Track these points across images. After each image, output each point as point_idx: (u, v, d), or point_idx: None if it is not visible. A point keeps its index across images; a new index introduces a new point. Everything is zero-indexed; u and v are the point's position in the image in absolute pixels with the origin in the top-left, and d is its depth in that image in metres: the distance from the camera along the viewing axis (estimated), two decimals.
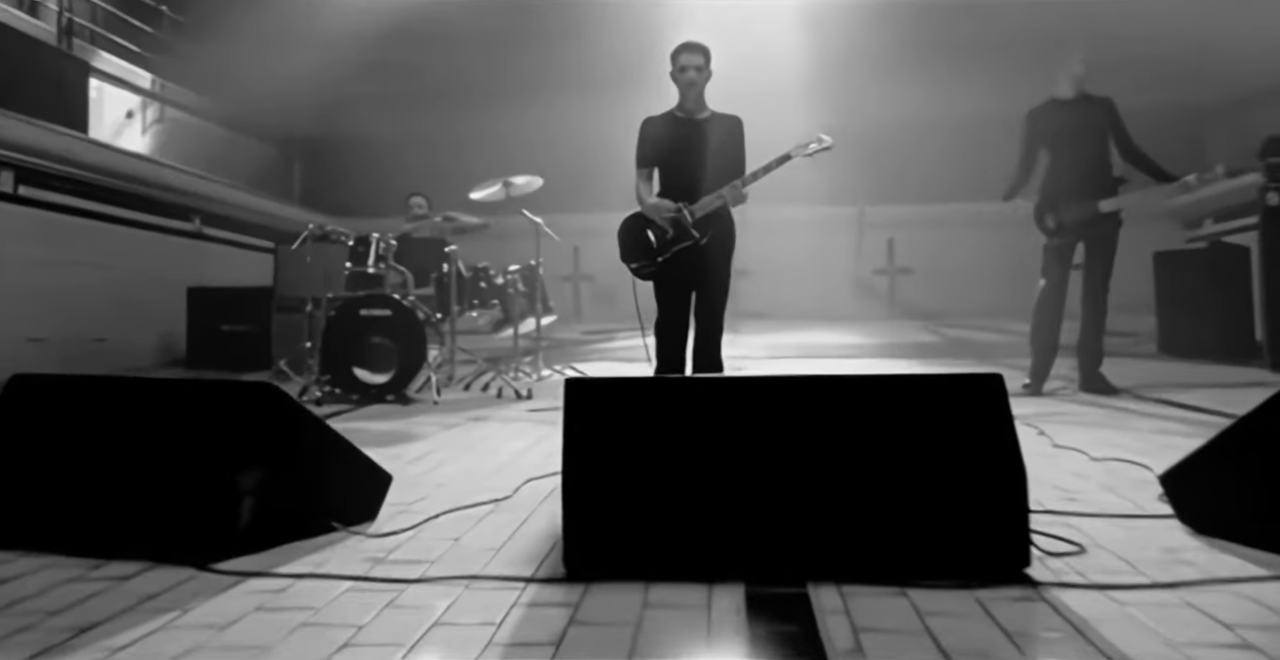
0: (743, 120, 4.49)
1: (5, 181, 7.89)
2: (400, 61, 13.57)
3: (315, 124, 14.72)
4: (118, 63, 11.18)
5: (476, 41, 13.82)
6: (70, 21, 10.45)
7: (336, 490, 2.52)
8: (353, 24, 12.69)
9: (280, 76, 11.74)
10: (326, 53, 12.15)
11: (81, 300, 8.28)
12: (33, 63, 9.15)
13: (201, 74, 12.29)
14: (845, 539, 1.99)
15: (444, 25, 13.77)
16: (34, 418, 2.57)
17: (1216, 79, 13.10)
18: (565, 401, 2.15)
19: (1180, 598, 1.81)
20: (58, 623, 1.79)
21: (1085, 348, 5.72)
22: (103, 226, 9.20)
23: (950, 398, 2.10)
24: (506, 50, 13.71)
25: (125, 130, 11.36)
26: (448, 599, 1.91)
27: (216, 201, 11.37)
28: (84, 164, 8.94)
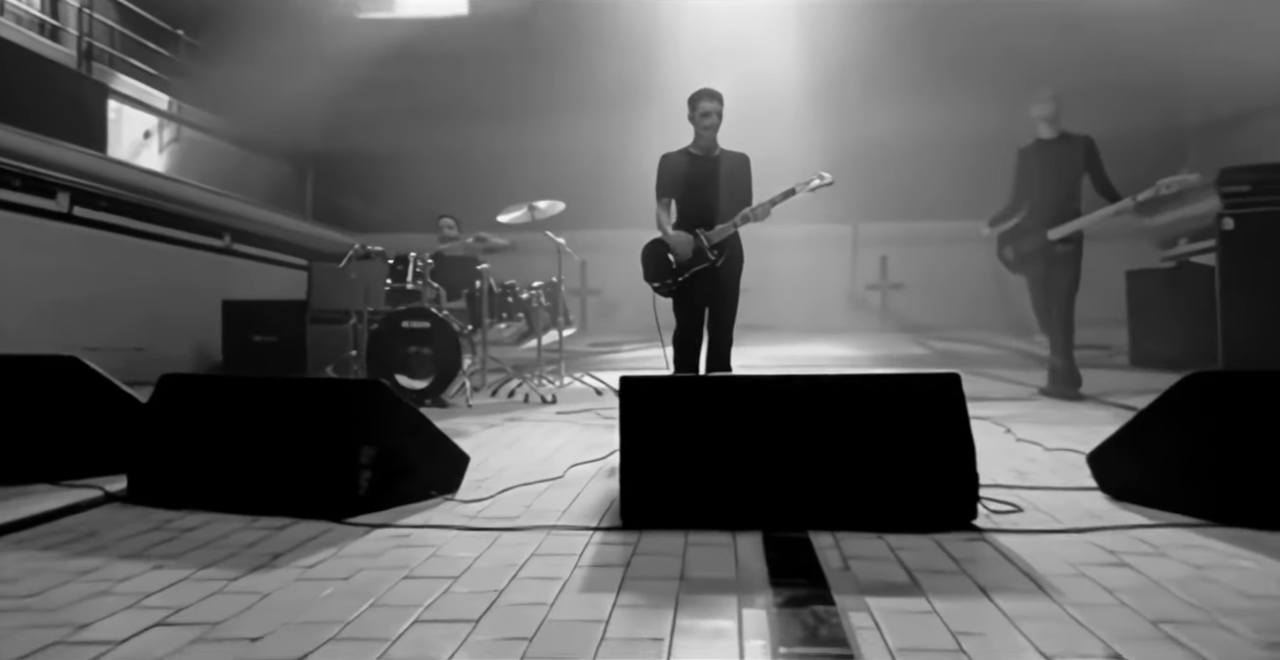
0: (749, 157, 5.11)
1: (62, 202, 8.49)
2: (405, 80, 13.93)
3: (325, 141, 15.09)
4: (136, 85, 11.54)
5: (479, 60, 14.24)
6: (90, 46, 10.86)
7: (430, 466, 3.13)
8: (359, 45, 13.21)
9: (291, 96, 12.21)
10: (335, 72, 12.59)
11: (122, 312, 8.80)
12: (54, 85, 9.60)
13: (216, 95, 12.65)
14: (837, 498, 2.60)
15: (447, 45, 14.19)
16: (183, 408, 3.19)
17: (1199, 101, 13.57)
18: (621, 395, 2.77)
19: (1085, 539, 2.43)
20: (253, 553, 2.40)
21: (1052, 359, 6.40)
22: (143, 243, 9.75)
23: (918, 392, 2.71)
24: (509, 69, 14.10)
25: (143, 150, 11.71)
26: (536, 540, 2.52)
27: (245, 219, 11.90)
28: (130, 186, 9.53)
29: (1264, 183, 6.74)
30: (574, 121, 13.67)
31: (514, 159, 14.27)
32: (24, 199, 8.05)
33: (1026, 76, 12.51)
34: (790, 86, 13.20)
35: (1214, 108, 13.55)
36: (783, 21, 13.70)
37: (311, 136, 14.83)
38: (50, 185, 8.36)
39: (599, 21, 13.30)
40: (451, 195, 12.91)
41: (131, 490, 3.12)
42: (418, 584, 2.12)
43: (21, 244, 7.93)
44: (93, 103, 10.51)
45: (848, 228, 13.77)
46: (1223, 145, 13.95)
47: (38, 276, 7.99)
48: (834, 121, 13.31)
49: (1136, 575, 2.09)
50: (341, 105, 13.59)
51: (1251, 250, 6.73)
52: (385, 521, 2.74)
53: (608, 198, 11.90)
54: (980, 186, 9.47)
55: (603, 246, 11.52)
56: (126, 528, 2.71)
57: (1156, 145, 14.14)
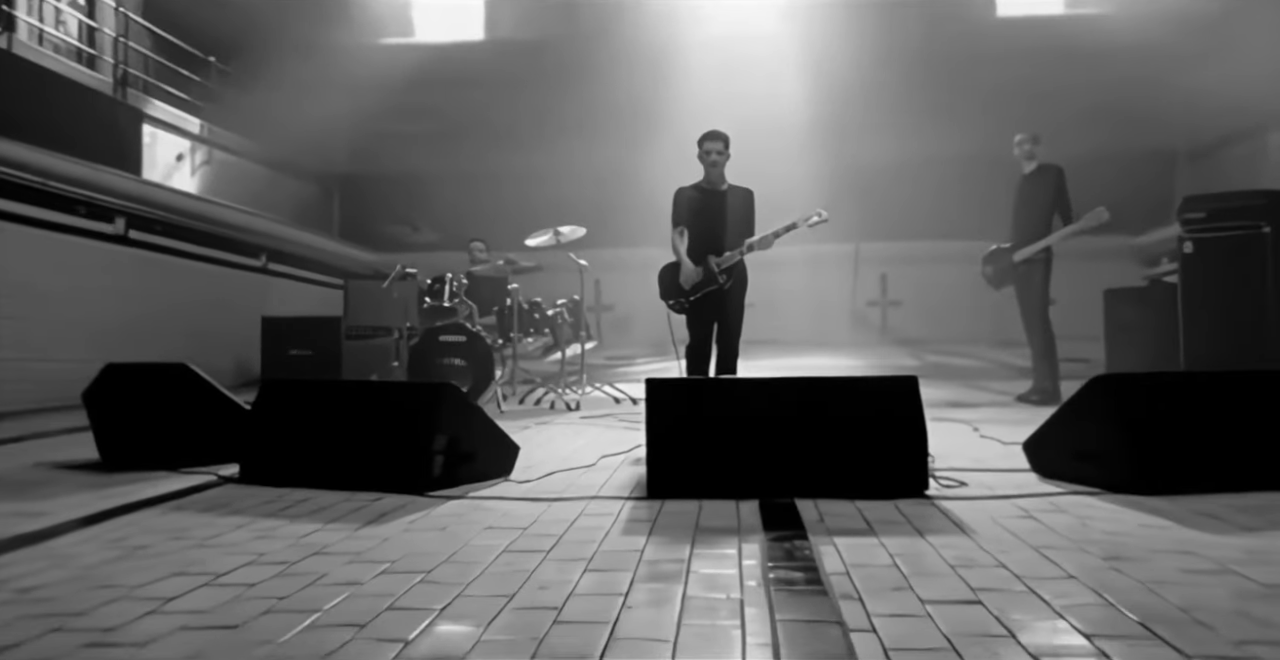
0: (753, 192, 5.81)
1: (120, 226, 9.24)
2: (425, 103, 14.51)
3: (351, 162, 15.75)
4: (169, 110, 12.01)
5: (495, 84, 14.76)
6: (125, 73, 11.37)
7: (487, 453, 3.83)
8: (382, 70, 13.63)
9: (318, 119, 12.73)
10: (358, 96, 13.11)
11: (170, 328, 9.46)
12: (91, 111, 10.16)
13: (246, 118, 13.14)
14: (818, 473, 3.29)
15: (464, 69, 14.75)
16: (284, 407, 3.90)
17: (1185, 125, 14.18)
18: (646, 393, 3.47)
19: (1008, 503, 3.11)
20: (361, 514, 3.10)
21: (1034, 369, 7.12)
22: (188, 263, 10.47)
23: (883, 391, 3.41)
24: (523, 93, 14.65)
25: (176, 172, 12.15)
26: (581, 506, 3.21)
27: (280, 240, 12.61)
28: (179, 210, 10.29)
29: (1219, 210, 7.44)
30: (586, 144, 14.24)
31: (527, 180, 14.85)
32: (87, 224, 8.79)
33: (1020, 102, 13.29)
34: (795, 111, 13.74)
35: (1201, 131, 14.15)
36: (788, 47, 14.29)
37: (337, 157, 15.48)
38: (109, 211, 9.10)
39: (609, 48, 13.79)
40: (470, 214, 13.63)
41: (244, 473, 3.83)
42: (497, 532, 2.81)
43: (85, 266, 8.65)
44: (128, 127, 11.05)
45: (849, 247, 14.41)
46: (1210, 167, 14.63)
47: (98, 295, 8.70)
48: (837, 145, 13.93)
49: (1036, 523, 2.78)
50: (365, 127, 14.26)
51: (1209, 272, 7.43)
52: (458, 494, 3.44)
53: (619, 218, 12.47)
54: (975, 208, 10.14)
55: (616, 264, 12.20)
56: (252, 499, 3.41)
57: (1148, 167, 14.83)
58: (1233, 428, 3.27)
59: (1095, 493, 3.23)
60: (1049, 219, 7.03)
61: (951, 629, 1.82)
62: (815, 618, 1.91)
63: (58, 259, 8.29)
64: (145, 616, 1.98)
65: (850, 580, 2.20)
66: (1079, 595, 2.04)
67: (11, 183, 7.84)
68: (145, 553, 2.58)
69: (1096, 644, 1.72)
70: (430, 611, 1.99)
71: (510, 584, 2.22)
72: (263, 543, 2.69)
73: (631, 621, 1.91)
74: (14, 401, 7.38)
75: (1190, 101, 12.77)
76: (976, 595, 2.06)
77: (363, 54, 14.25)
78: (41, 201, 8.19)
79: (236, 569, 2.38)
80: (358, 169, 16.07)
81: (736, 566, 2.35)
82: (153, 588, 2.21)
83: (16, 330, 7.67)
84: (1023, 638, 1.76)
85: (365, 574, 2.32)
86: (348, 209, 16.72)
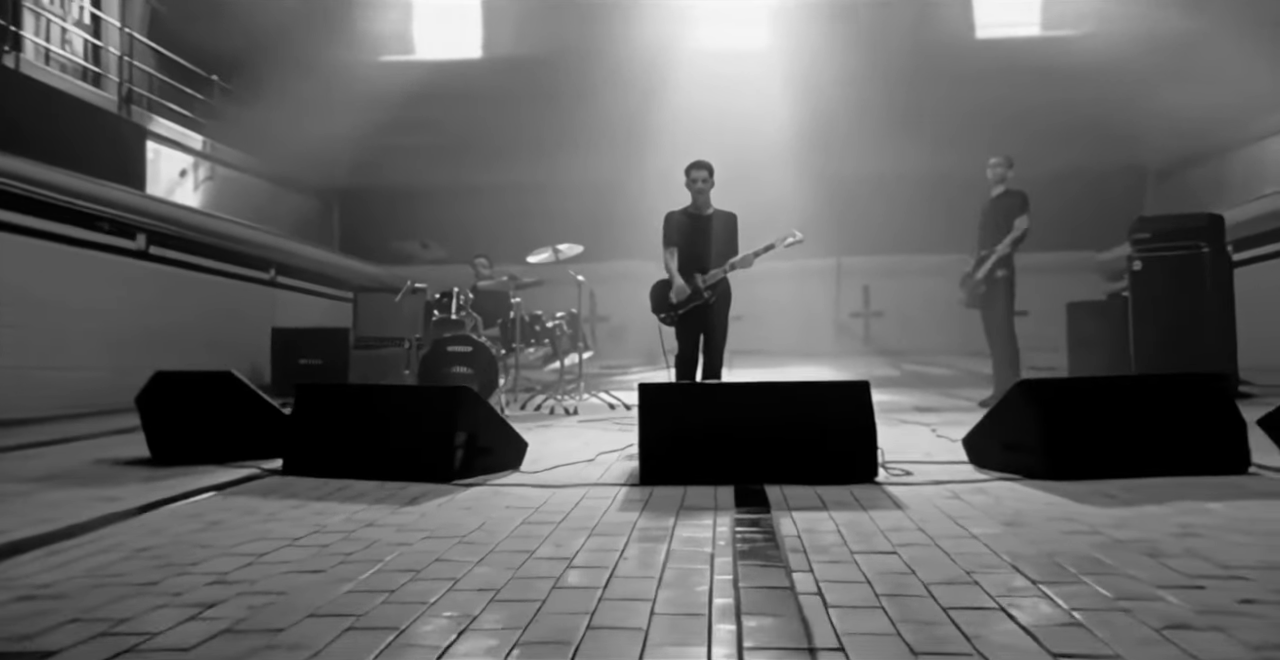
0: (736, 215, 6.40)
1: (141, 242, 9.80)
2: (424, 119, 15.09)
3: (350, 176, 16.22)
4: (172, 127, 12.45)
5: (492, 101, 15.29)
6: (130, 91, 11.79)
7: (501, 448, 4.40)
8: (381, 87, 14.21)
9: (318, 135, 13.26)
10: (358, 113, 13.67)
11: (185, 338, 9.97)
12: (96, 128, 10.56)
13: (247, 135, 13.58)
14: (785, 463, 3.87)
15: (462, 86, 15.27)
16: (320, 407, 4.47)
17: (1155, 145, 14.81)
18: (639, 395, 4.05)
19: (943, 487, 3.70)
20: (396, 498, 3.67)
21: (994, 376, 7.70)
22: (202, 277, 11.02)
23: (841, 393, 3.99)
24: (520, 109, 15.13)
25: (179, 187, 12.55)
26: (584, 491, 3.79)
27: (287, 254, 13.15)
28: (194, 227, 10.85)
29: (1165, 232, 8.08)
30: (581, 160, 14.84)
31: (525, 194, 15.41)
32: (111, 241, 9.34)
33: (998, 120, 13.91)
34: (781, 127, 14.29)
35: (1170, 150, 14.78)
36: (775, 67, 14.87)
37: (337, 172, 15.93)
38: (131, 228, 9.66)
39: (602, 66, 14.34)
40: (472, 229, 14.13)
41: (287, 466, 4.39)
42: (515, 510, 3.38)
43: (109, 280, 9.21)
44: (132, 143, 11.41)
45: (833, 261, 15.03)
46: (1178, 185, 15.27)
47: (121, 307, 9.25)
48: (821, 161, 14.52)
49: (961, 502, 3.37)
50: (365, 142, 14.69)
51: (1156, 288, 8.06)
52: (478, 482, 4.01)
53: (614, 232, 13.02)
54: (954, 223, 10.70)
55: (610, 277, 12.75)
56: (298, 487, 3.98)
57: (1119, 183, 15.48)
58: (1133, 423, 3.87)
59: (1017, 479, 3.82)
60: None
61: (870, 569, 2.40)
62: (768, 563, 2.49)
63: (82, 273, 8.83)
64: (247, 566, 2.55)
65: (800, 540, 2.77)
66: (971, 547, 2.63)
67: (37, 201, 8.35)
68: (224, 525, 3.15)
69: (973, 576, 2.30)
70: (469, 563, 2.56)
71: (530, 543, 2.80)
72: (320, 518, 3.26)
73: (627, 566, 2.49)
74: (46, 407, 7.92)
75: (1160, 122, 13.42)
76: (894, 549, 2.64)
77: (363, 71, 14.68)
78: (69, 219, 8.73)
79: (307, 535, 2.95)
80: (357, 183, 16.55)
81: (711, 531, 2.92)
82: (244, 547, 2.78)
83: (42, 341, 8.20)
84: (920, 574, 2.34)
85: (412, 538, 2.90)
86: (348, 222, 17.19)
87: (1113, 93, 13.53)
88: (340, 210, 17.21)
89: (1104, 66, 13.36)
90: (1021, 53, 15.09)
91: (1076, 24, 14.87)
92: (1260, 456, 3.95)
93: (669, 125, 13.77)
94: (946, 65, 14.72)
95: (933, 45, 15.01)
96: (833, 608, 2.06)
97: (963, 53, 15.33)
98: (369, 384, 4.68)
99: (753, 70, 14.93)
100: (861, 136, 14.24)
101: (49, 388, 8.09)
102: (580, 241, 8.49)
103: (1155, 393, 4.00)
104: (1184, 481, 3.66)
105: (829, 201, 14.20)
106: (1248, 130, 12.90)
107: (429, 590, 2.27)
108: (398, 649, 1.81)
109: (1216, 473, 3.80)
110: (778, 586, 2.25)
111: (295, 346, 10.69)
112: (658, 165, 11.40)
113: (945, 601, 2.10)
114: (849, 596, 2.16)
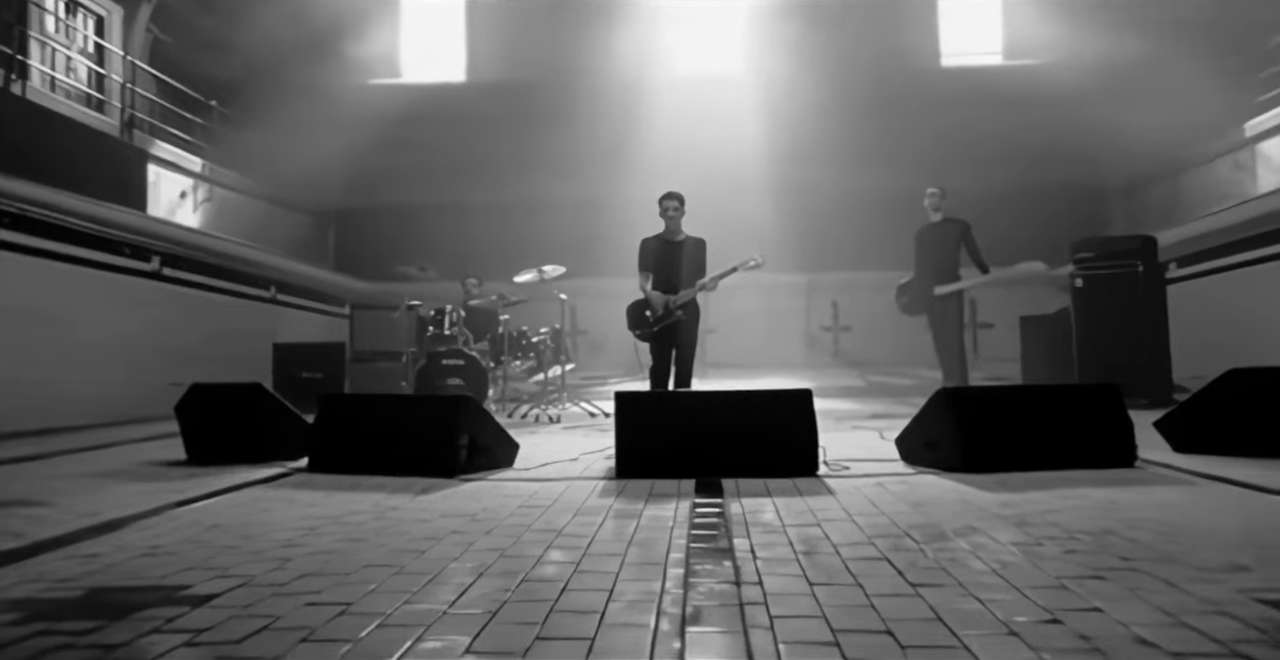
0: (705, 241, 7.11)
1: (155, 264, 10.41)
2: (412, 140, 15.56)
3: (344, 196, 16.76)
4: (172, 150, 12.86)
5: (478, 123, 15.90)
6: (132, 116, 12.31)
7: (497, 448, 5.06)
8: (371, 109, 14.76)
9: (312, 156, 13.72)
10: (350, 135, 14.14)
11: (194, 353, 10.51)
12: (99, 152, 11.09)
13: (245, 157, 14.06)
14: (739, 459, 4.55)
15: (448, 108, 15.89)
16: (341, 413, 5.13)
17: (1115, 166, 15.57)
18: (615, 403, 4.73)
19: (874, 479, 4.38)
20: (411, 489, 4.33)
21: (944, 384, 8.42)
22: (206, 295, 11.61)
23: (788, 399, 4.68)
24: (503, 131, 15.72)
25: (179, 208, 12.97)
26: (567, 484, 4.46)
27: (286, 272, 13.75)
28: (200, 248, 11.47)
29: (1105, 252, 8.82)
30: (562, 180, 15.42)
31: (508, 213, 15.92)
32: (129, 263, 9.96)
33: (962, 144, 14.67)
34: (753, 150, 14.96)
35: (1128, 171, 15.56)
36: (747, 90, 15.58)
37: (331, 192, 16.49)
38: (147, 251, 10.28)
39: (582, 90, 15.03)
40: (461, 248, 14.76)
41: (311, 464, 5.05)
42: (512, 498, 4.05)
43: (128, 300, 9.81)
44: (134, 167, 11.92)
45: (803, 277, 15.72)
46: (1137, 204, 16.07)
47: (138, 326, 9.85)
48: (792, 184, 15.24)
49: (883, 490, 4.06)
50: (357, 163, 15.25)
51: (1096, 303, 8.79)
52: (478, 477, 4.68)
53: (594, 249, 13.60)
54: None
55: (590, 292, 13.37)
56: (323, 481, 4.63)
57: (1086, 201, 16.26)
58: (1037, 426, 4.58)
59: (936, 472, 4.52)
60: (957, 262, 8.36)
61: (795, 536, 3.09)
62: (715, 532, 3.17)
63: (101, 293, 9.43)
64: (306, 535, 3.21)
65: (744, 518, 3.45)
66: (879, 521, 3.32)
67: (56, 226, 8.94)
68: (274, 509, 3.81)
69: (872, 540, 2.99)
70: (479, 534, 3.23)
71: (528, 519, 3.47)
72: (350, 504, 3.91)
73: (604, 534, 3.17)
74: (73, 416, 8.53)
75: (1119, 145, 14.16)
76: (818, 523, 3.33)
77: (353, 95, 15.24)
78: (94, 245, 9.34)
79: (344, 515, 3.62)
80: (350, 203, 17.09)
81: (673, 512, 3.60)
82: (297, 523, 3.44)
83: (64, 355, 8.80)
84: (832, 539, 3.03)
85: (430, 517, 3.56)
86: (342, 241, 17.71)
87: (1073, 118, 14.21)
88: (334, 229, 17.73)
89: (1064, 93, 14.14)
90: (986, 80, 15.89)
91: (1037, 53, 15.61)
92: (1157, 454, 4.68)
93: (646, 148, 14.46)
94: (914, 92, 15.49)
95: (901, 73, 15.75)
96: (759, 559, 2.74)
97: (930, 79, 16.11)
98: (383, 394, 5.32)
99: (727, 96, 15.63)
100: (831, 159, 14.96)
101: (69, 399, 8.68)
102: (562, 260, 9.15)
103: (1056, 400, 4.72)
104: (1076, 474, 4.35)
105: (800, 221, 14.94)
106: (1199, 152, 13.68)
107: (451, 550, 2.94)
108: (434, 586, 2.48)
109: (1107, 466, 4.50)
110: (720, 549, 2.93)
111: (295, 360, 11.25)
112: (635, 187, 12.04)
113: (845, 555, 2.78)
114: (774, 553, 2.84)
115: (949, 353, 8.45)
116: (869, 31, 15.81)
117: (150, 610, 2.27)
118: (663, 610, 2.21)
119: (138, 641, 2.03)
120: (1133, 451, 4.59)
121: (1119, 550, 2.74)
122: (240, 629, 2.11)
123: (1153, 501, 3.59)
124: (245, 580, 2.55)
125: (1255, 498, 3.64)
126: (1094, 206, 16.30)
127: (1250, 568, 2.48)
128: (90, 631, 2.10)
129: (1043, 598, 2.24)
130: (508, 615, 2.20)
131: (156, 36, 14.05)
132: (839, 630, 2.02)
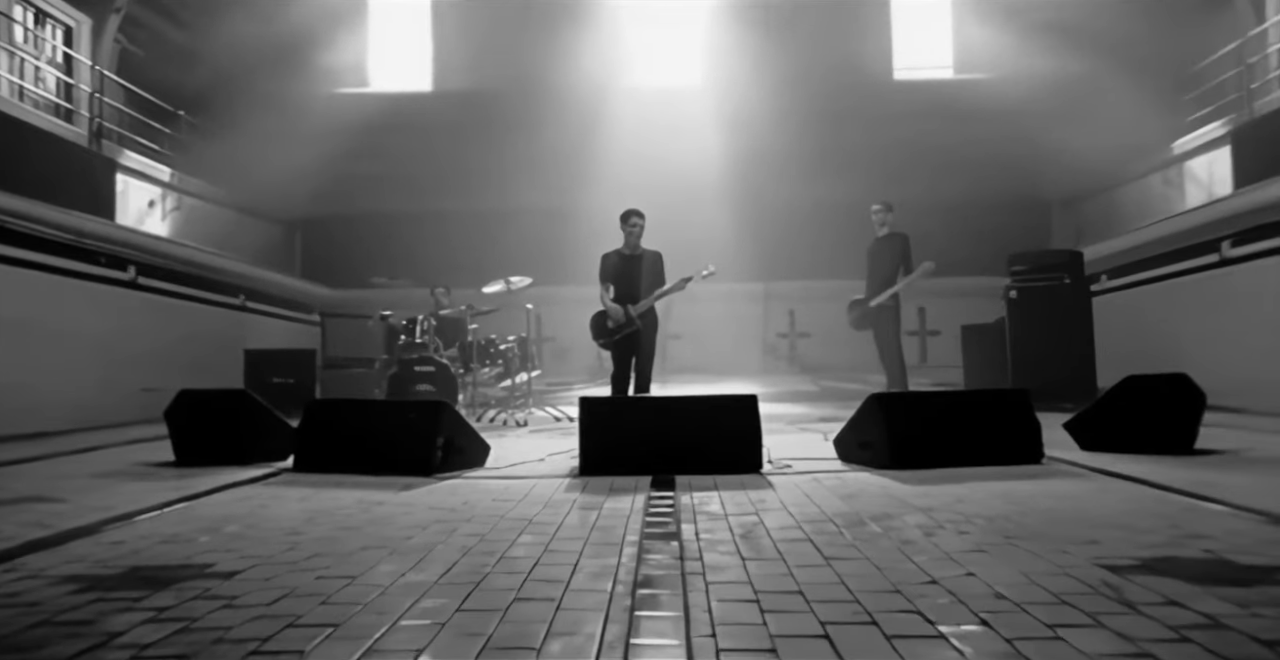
0: (662, 254, 7.59)
1: (131, 274, 10.71)
2: (378, 149, 15.96)
3: (311, 205, 17.00)
4: (141, 160, 13.12)
5: (444, 131, 16.41)
6: (100, 126, 12.55)
7: (470, 449, 5.51)
8: (338, 119, 15.16)
9: (279, 166, 14.05)
10: (316, 144, 14.48)
11: (167, 360, 10.74)
12: (68, 162, 11.33)
13: (213, 166, 14.36)
14: (691, 458, 5.03)
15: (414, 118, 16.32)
16: (325, 417, 5.56)
17: (1057, 179, 16.18)
18: (580, 407, 5.20)
19: (811, 476, 4.88)
20: (392, 486, 4.76)
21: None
22: (180, 303, 11.87)
23: (735, 404, 5.16)
24: (469, 140, 16.22)
25: (147, 217, 13.27)
26: (535, 481, 4.91)
27: (255, 280, 14.04)
28: (175, 257, 11.78)
29: (1038, 265, 9.39)
30: (527, 189, 15.95)
31: (474, 221, 16.37)
32: (106, 272, 10.25)
33: (912, 155, 15.27)
34: (712, 160, 15.57)
35: (1070, 185, 16.24)
36: (707, 102, 16.20)
37: (298, 201, 16.71)
38: (124, 261, 10.58)
39: (546, 101, 15.54)
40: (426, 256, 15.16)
41: (297, 464, 5.46)
42: (485, 493, 4.50)
43: (103, 308, 10.08)
44: (102, 176, 12.21)
45: (760, 285, 16.26)
46: (1078, 216, 16.76)
47: (112, 334, 10.11)
48: (749, 194, 15.80)
49: (818, 485, 4.55)
50: (324, 172, 15.42)
51: (1030, 315, 9.36)
52: (454, 476, 5.13)
53: (559, 258, 14.03)
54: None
55: (555, 300, 13.75)
56: (311, 479, 5.05)
57: (1027, 213, 16.91)
58: (957, 427, 5.10)
59: (868, 469, 5.02)
60: (895, 274, 8.90)
61: (735, 523, 3.57)
62: (665, 519, 3.64)
63: (78, 302, 9.71)
64: (306, 522, 3.65)
65: (692, 509, 3.93)
66: (810, 510, 3.81)
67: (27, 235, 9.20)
68: (270, 504, 4.23)
69: (801, 525, 3.47)
70: (460, 521, 3.68)
71: (502, 510, 3.93)
72: (338, 499, 4.35)
73: (569, 521, 3.63)
74: (52, 421, 8.83)
75: (1060, 159, 14.80)
76: (756, 512, 3.81)
77: (320, 104, 15.65)
78: (70, 255, 9.63)
79: (334, 508, 4.05)
80: (317, 211, 17.37)
81: (630, 504, 4.07)
82: (295, 515, 3.87)
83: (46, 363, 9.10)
84: (767, 524, 3.51)
85: (413, 509, 4.01)
86: (309, 249, 18.01)
87: (1017, 132, 14.84)
88: (301, 237, 18.01)
89: (1010, 107, 14.79)
90: (936, 93, 16.54)
91: (986, 68, 16.25)
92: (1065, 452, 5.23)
93: (609, 157, 14.96)
94: (868, 105, 16.11)
95: (855, 86, 16.34)
96: (702, 540, 3.22)
97: (882, 93, 16.74)
98: (366, 399, 5.75)
99: (686, 108, 16.20)
100: (788, 170, 15.63)
101: (49, 406, 8.95)
102: (529, 268, 9.61)
103: (974, 404, 5.25)
104: (990, 469, 4.87)
105: (757, 231, 15.53)
106: (1133, 168, 14.37)
107: (437, 536, 3.39)
108: (425, 563, 2.93)
109: (1018, 463, 5.03)
110: (669, 533, 3.40)
111: (266, 366, 11.48)
112: (598, 198, 12.53)
113: (775, 537, 3.27)
114: (715, 536, 3.31)
115: (889, 360, 8.98)
116: (824, 45, 16.41)
117: (187, 582, 2.70)
118: (618, 579, 2.68)
119: (184, 604, 2.47)
120: (1040, 449, 5.13)
121: (1005, 531, 3.25)
122: (267, 596, 2.55)
123: (1047, 492, 4.11)
124: (262, 560, 2.99)
125: (1135, 489, 4.17)
126: (1036, 219, 17.02)
127: (1101, 542, 2.99)
128: (140, 599, 2.53)
129: (930, 566, 2.73)
130: (490, 584, 2.65)
131: (125, 47, 14.34)
132: (760, 591, 2.50)
